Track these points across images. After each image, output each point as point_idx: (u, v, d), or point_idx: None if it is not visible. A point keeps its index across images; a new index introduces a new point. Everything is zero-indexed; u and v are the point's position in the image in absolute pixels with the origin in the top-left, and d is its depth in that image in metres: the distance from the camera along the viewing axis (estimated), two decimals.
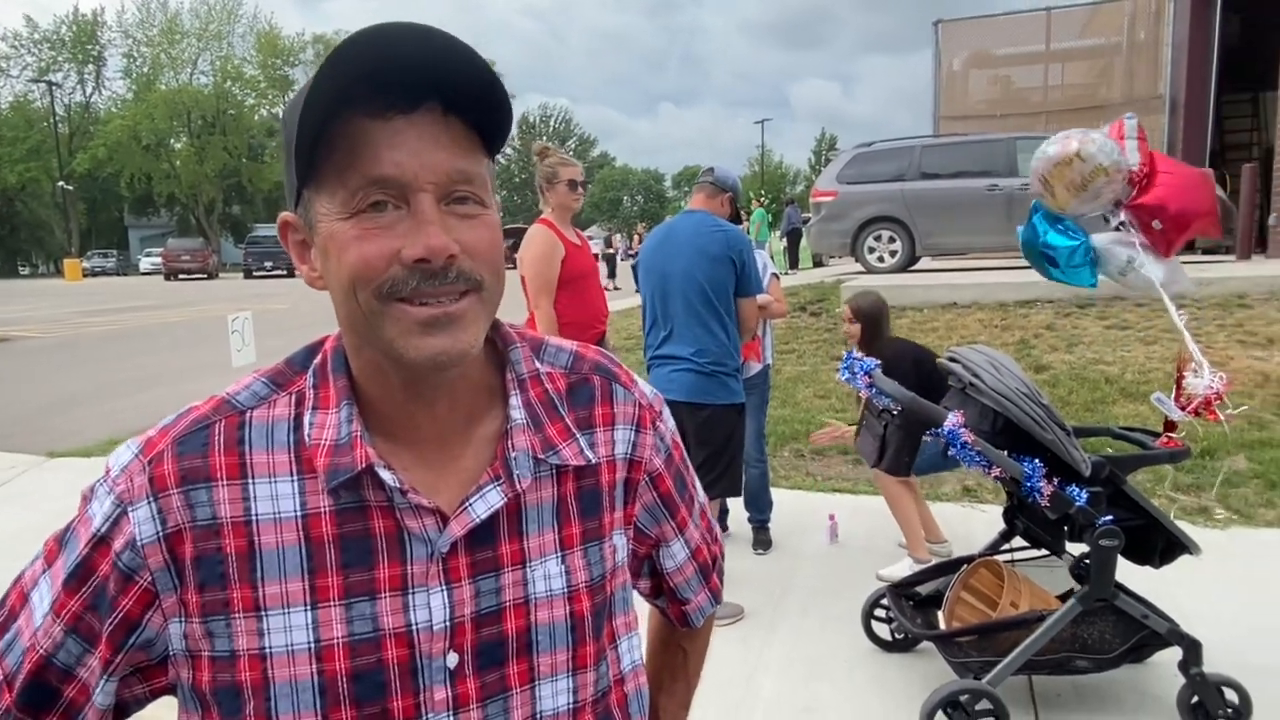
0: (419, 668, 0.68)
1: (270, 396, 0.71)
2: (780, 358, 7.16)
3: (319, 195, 0.66)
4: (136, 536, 0.66)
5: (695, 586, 0.93)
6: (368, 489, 0.68)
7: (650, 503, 0.85)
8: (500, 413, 0.75)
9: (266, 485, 0.68)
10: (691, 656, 1.01)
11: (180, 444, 0.68)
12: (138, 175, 47.45)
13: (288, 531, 0.67)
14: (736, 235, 3.26)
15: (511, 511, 0.72)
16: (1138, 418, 4.99)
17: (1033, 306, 7.64)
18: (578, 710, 0.75)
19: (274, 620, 0.66)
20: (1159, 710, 2.54)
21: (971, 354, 2.55)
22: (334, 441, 0.68)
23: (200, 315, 16.02)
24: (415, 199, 0.64)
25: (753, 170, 61.19)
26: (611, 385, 0.81)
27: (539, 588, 0.73)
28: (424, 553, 0.68)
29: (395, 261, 0.64)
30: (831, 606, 3.36)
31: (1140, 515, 2.44)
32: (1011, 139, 9.97)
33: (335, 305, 0.68)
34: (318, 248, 0.68)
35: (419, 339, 0.65)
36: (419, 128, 0.64)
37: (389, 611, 0.67)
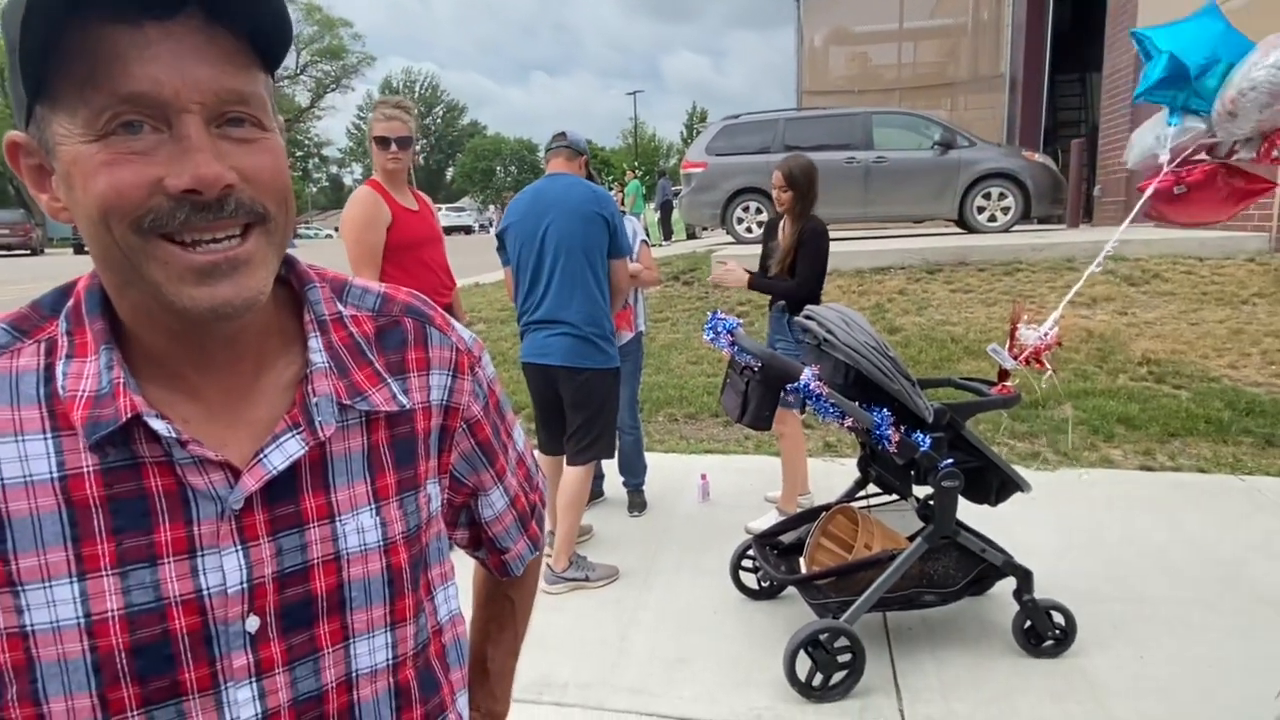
0: (213, 635, 0.62)
1: (13, 345, 0.62)
2: (654, 326, 7.24)
3: (56, 113, 0.57)
4: None
5: (515, 535, 0.91)
6: (139, 443, 0.60)
7: (468, 450, 0.81)
8: (298, 358, 0.69)
9: (13, 445, 0.59)
10: (519, 605, 1.00)
11: None
12: None
13: (43, 496, 0.59)
14: (605, 196, 3.26)
15: (315, 462, 0.67)
16: (979, 371, 5.37)
17: (886, 273, 8.06)
18: (397, 665, 0.72)
19: (33, 595, 0.58)
20: (997, 636, 2.77)
21: (826, 312, 2.65)
22: (93, 392, 0.60)
23: (22, 295, 14.50)
24: (179, 120, 0.56)
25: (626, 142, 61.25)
26: (426, 328, 0.76)
27: (351, 541, 0.68)
28: (213, 511, 0.62)
29: (157, 191, 0.56)
30: (703, 561, 3.45)
31: (978, 458, 2.62)
32: (867, 113, 10.41)
33: (87, 241, 0.60)
34: (59, 174, 0.59)
35: (194, 287, 0.58)
36: (178, 37, 0.56)
37: (173, 578, 0.61)
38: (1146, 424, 4.81)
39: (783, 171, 3.54)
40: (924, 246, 8.51)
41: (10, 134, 0.61)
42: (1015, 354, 2.69)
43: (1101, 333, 6.18)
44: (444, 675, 0.78)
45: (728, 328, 2.65)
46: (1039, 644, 2.66)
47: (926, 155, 9.88)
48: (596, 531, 3.82)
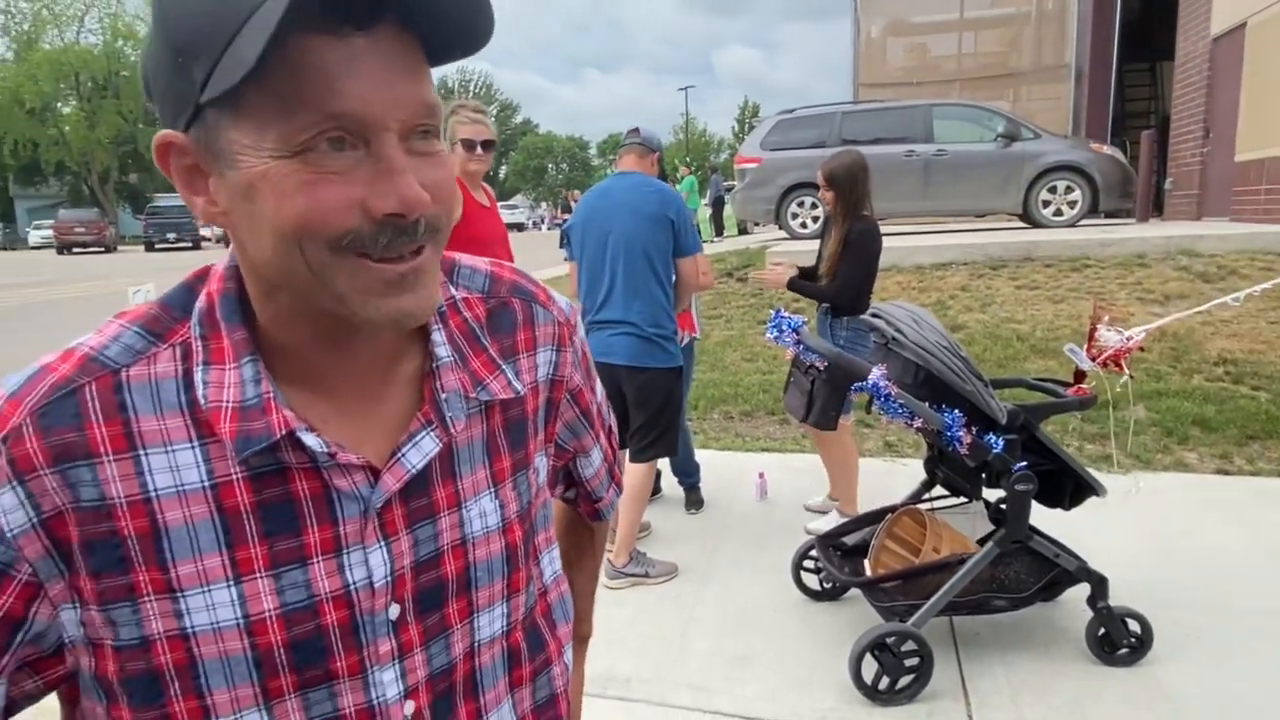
0: (360, 625, 0.64)
1: (148, 350, 0.60)
2: (708, 323, 7.22)
3: (239, 122, 0.53)
4: (4, 527, 0.55)
5: (606, 484, 0.95)
6: (285, 451, 0.60)
7: (571, 419, 0.83)
8: (419, 349, 0.68)
9: (163, 456, 0.58)
10: (597, 533, 1.04)
11: (42, 416, 0.56)
12: (22, 142, 44.11)
13: (196, 505, 0.59)
14: (672, 194, 3.25)
15: (444, 455, 0.68)
16: (1047, 370, 5.23)
17: (948, 269, 7.89)
18: (510, 631, 0.74)
19: (193, 600, 0.59)
20: (1069, 643, 2.70)
21: (894, 310, 2.61)
22: (238, 404, 0.59)
23: (98, 290, 15.14)
24: (379, 140, 0.54)
25: (678, 138, 61.13)
26: (532, 307, 0.77)
27: (475, 526, 0.70)
28: (356, 510, 0.63)
29: (357, 213, 0.54)
30: (761, 559, 3.43)
31: (1052, 460, 2.56)
32: (928, 106, 10.20)
33: (253, 250, 0.58)
34: (234, 184, 0.55)
35: (382, 299, 0.57)
36: (381, 50, 0.53)
37: (323, 575, 0.62)
38: (1223, 426, 4.63)
39: (823, 171, 3.50)
40: (987, 241, 8.31)
41: (164, 133, 0.57)
42: (1094, 355, 2.61)
43: (1175, 331, 5.95)
44: (550, 633, 0.80)
45: (792, 326, 2.63)
46: (1113, 652, 2.59)
47: (989, 148, 9.64)
48: (655, 528, 3.83)
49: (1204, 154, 11.35)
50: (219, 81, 0.50)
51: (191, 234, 31.78)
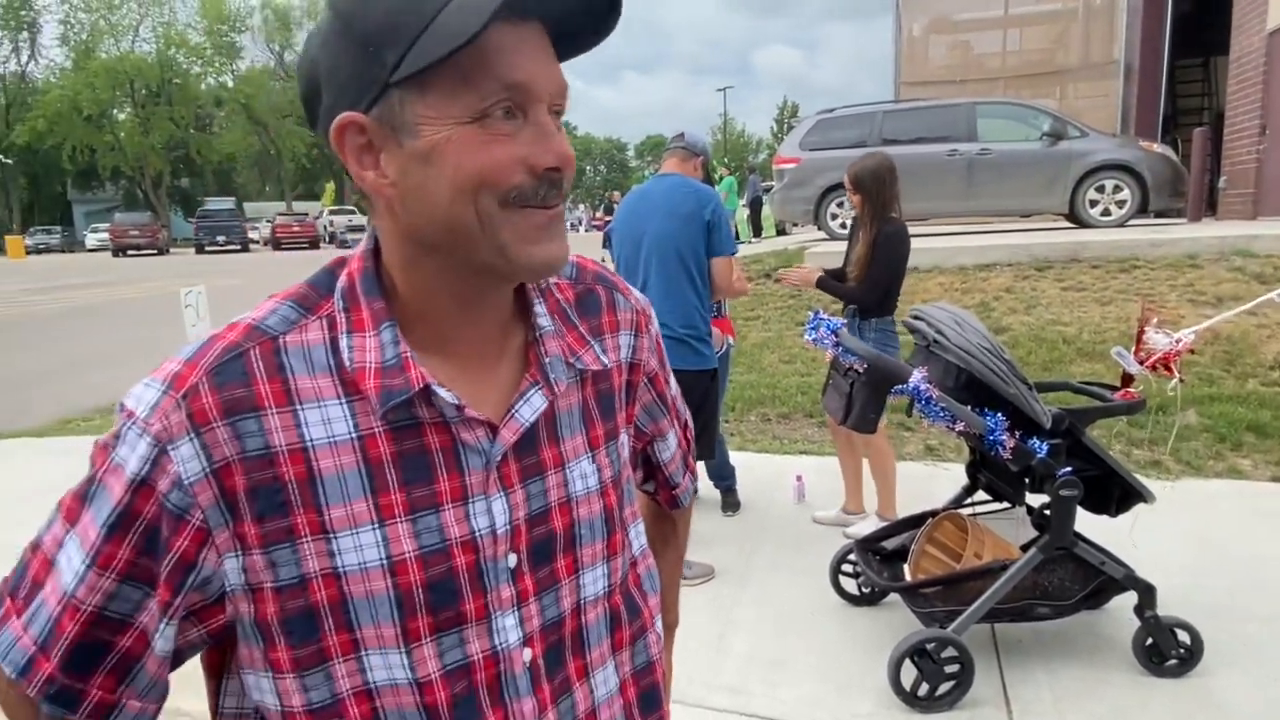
0: (484, 570, 0.71)
1: (300, 321, 0.69)
2: (746, 324, 7.20)
3: (425, 96, 0.62)
4: (182, 475, 0.63)
5: (682, 471, 1.01)
6: (419, 407, 0.69)
7: (649, 402, 0.91)
8: (522, 325, 0.77)
9: (316, 410, 0.67)
10: (680, 523, 1.10)
11: (216, 374, 0.65)
12: (80, 148, 45.67)
13: (345, 455, 0.67)
14: (708, 194, 3.25)
15: (548, 418, 0.76)
16: (1094, 376, 5.11)
17: (992, 270, 7.76)
18: (610, 593, 0.81)
19: (344, 542, 0.67)
20: (1115, 652, 2.64)
21: (935, 312, 2.58)
22: (379, 364, 0.68)
23: (153, 291, 15.59)
24: (535, 109, 0.65)
25: (716, 139, 60.98)
26: (614, 294, 0.85)
27: (577, 487, 0.77)
28: (479, 463, 0.71)
29: (522, 169, 0.64)
30: (799, 562, 3.42)
31: (1098, 466, 2.51)
32: (971, 104, 10.03)
33: (419, 212, 0.66)
34: (409, 152, 0.64)
35: (534, 245, 0.67)
36: (538, 36, 0.65)
37: (453, 522, 0.70)
38: (1279, 432, 4.48)
39: (850, 175, 3.50)
40: (1032, 242, 8.15)
41: (346, 114, 0.64)
42: (1142, 358, 2.55)
43: (1229, 334, 5.78)
44: (643, 601, 0.87)
45: (831, 328, 2.62)
46: (1161, 662, 2.53)
47: (1034, 147, 9.45)
48: (692, 530, 3.83)
49: (1260, 151, 10.98)
50: (417, 59, 0.60)
51: (240, 237, 32.57)
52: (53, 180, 53.47)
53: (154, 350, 7.47)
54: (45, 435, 5.91)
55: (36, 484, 4.95)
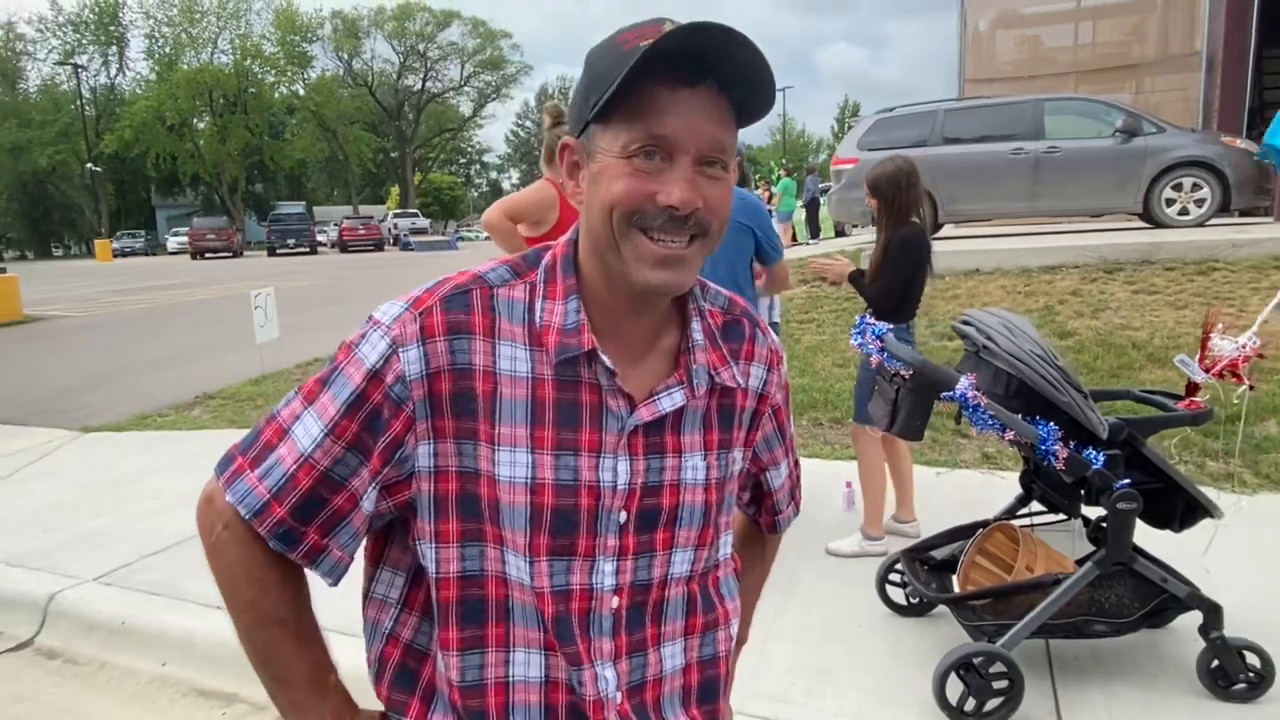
0: (599, 516, 0.85)
1: (511, 280, 0.87)
2: (799, 327, 7.11)
3: (605, 133, 0.81)
4: (406, 373, 0.81)
5: (786, 501, 1.12)
6: (583, 367, 0.85)
7: (770, 432, 1.03)
8: (676, 332, 0.92)
9: (509, 348, 0.84)
10: (769, 548, 1.21)
11: (447, 301, 0.84)
12: (163, 155, 47.88)
13: (520, 388, 0.83)
14: (753, 202, 3.31)
15: (678, 413, 0.89)
16: (1165, 384, 4.89)
17: (1058, 272, 7.50)
18: (691, 578, 0.94)
19: (503, 455, 0.83)
20: (1178, 674, 2.52)
21: (985, 317, 2.51)
22: (561, 325, 0.84)
23: (226, 293, 16.22)
24: (678, 158, 0.79)
25: (775, 139, 60.38)
26: (755, 329, 0.99)
27: (689, 475, 0.90)
28: (616, 427, 0.86)
29: (649, 201, 0.79)
30: (846, 572, 3.35)
31: (1160, 478, 2.40)
32: (1038, 100, 9.71)
33: (589, 219, 0.84)
34: (590, 172, 0.83)
35: (649, 270, 0.81)
36: (697, 100, 0.79)
37: (586, 468, 0.84)
38: None
39: (867, 179, 3.45)
40: (1102, 243, 7.85)
41: (566, 138, 0.88)
42: (1207, 366, 2.43)
43: None
44: (719, 601, 0.98)
45: (876, 333, 2.57)
46: (1228, 686, 2.40)
47: (1106, 144, 9.10)
48: None
49: None
50: (599, 101, 0.78)
51: (309, 240, 33.64)
52: (138, 187, 56.23)
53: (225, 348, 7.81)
54: (124, 430, 6.20)
55: (118, 475, 5.22)
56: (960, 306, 6.92)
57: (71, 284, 21.63)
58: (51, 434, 6.17)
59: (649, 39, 0.76)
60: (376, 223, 36.54)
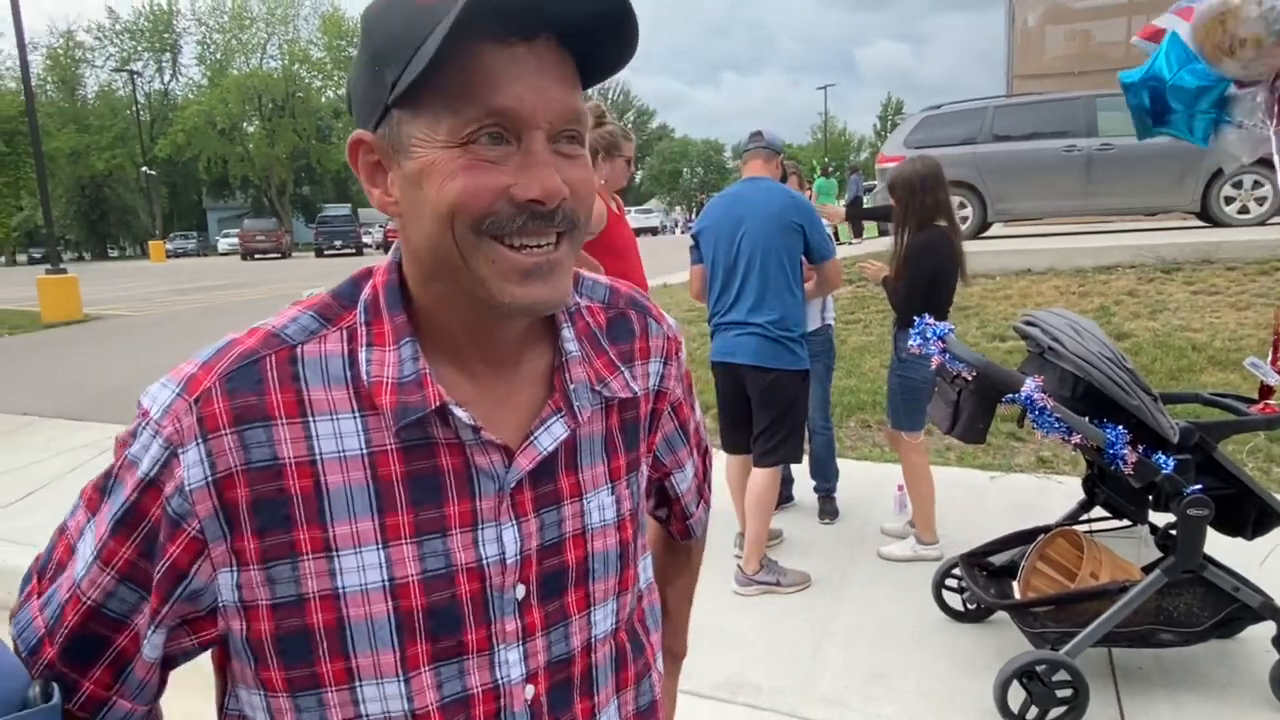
0: (489, 600, 0.68)
1: (320, 331, 0.67)
2: (846, 328, 7.04)
3: (416, 119, 0.61)
4: (185, 481, 0.62)
5: (696, 502, 0.98)
6: (434, 426, 0.66)
7: (670, 432, 0.88)
8: (546, 346, 0.74)
9: (329, 423, 0.65)
10: (694, 552, 1.06)
11: (229, 380, 0.64)
12: (214, 159, 49.11)
13: (354, 470, 0.65)
14: (803, 202, 3.28)
15: (569, 446, 0.73)
16: (1228, 386, 4.75)
17: (1113, 272, 7.32)
18: (616, 630, 0.78)
19: (346, 560, 0.64)
20: (1250, 687, 2.45)
21: (1050, 317, 2.46)
22: (396, 379, 0.65)
23: (276, 293, 16.58)
24: (529, 136, 0.61)
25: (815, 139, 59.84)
26: (647, 320, 0.82)
27: (594, 519, 0.74)
28: (492, 488, 0.68)
29: (503, 198, 0.61)
30: (900, 576, 3.32)
31: (1232, 484, 2.33)
32: (1090, 97, 9.48)
33: (414, 234, 0.65)
34: (404, 173, 0.63)
35: (518, 286, 0.63)
36: (539, 58, 0.61)
37: (460, 548, 0.67)
38: None
39: (887, 182, 3.43)
40: (1159, 243, 7.64)
41: (357, 133, 0.65)
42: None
43: None
44: (646, 637, 0.83)
45: (938, 334, 2.53)
46: None
47: (1162, 140, 8.80)
48: (787, 536, 3.78)
49: None
50: (405, 80, 0.58)
51: (354, 241, 34.22)
52: (190, 190, 57.72)
53: None
54: None
55: None
56: (1012, 307, 6.79)
57: (128, 284, 22.32)
58: (112, 429, 6.37)
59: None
60: None
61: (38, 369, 9.21)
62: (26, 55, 13.94)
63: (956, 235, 3.39)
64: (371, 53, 0.62)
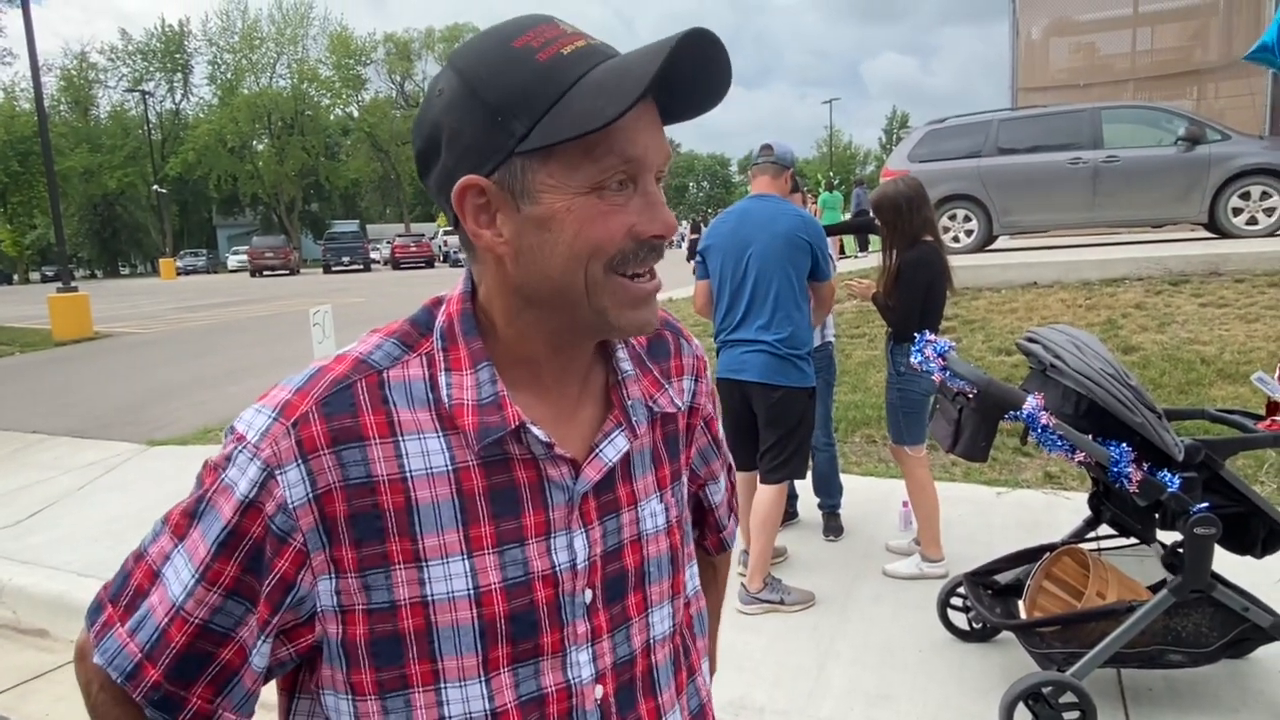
0: (562, 605, 0.73)
1: (403, 357, 0.73)
2: (850, 342, 7.02)
3: (547, 165, 0.66)
4: (288, 499, 0.66)
5: (728, 515, 1.03)
6: (511, 443, 0.71)
7: (704, 445, 0.94)
8: (602, 368, 0.80)
9: (417, 442, 0.70)
10: (720, 571, 1.10)
11: (325, 405, 0.68)
12: (224, 177, 49.58)
13: (440, 486, 0.70)
14: (811, 221, 3.28)
15: (625, 458, 0.78)
16: (1238, 400, 4.70)
17: (1120, 285, 7.28)
18: (673, 634, 0.83)
19: (434, 570, 0.69)
20: (1263, 709, 2.40)
21: (1052, 334, 2.44)
22: (476, 401, 0.71)
23: (284, 309, 16.66)
24: (644, 179, 0.68)
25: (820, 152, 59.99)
26: (680, 340, 0.89)
27: (648, 525, 0.80)
28: (563, 499, 0.73)
29: (630, 237, 0.68)
30: (905, 594, 3.28)
31: (1240, 502, 2.30)
32: (1095, 109, 9.47)
33: (531, 273, 0.69)
34: (526, 216, 0.67)
35: (633, 312, 0.71)
36: (650, 110, 0.69)
37: (536, 555, 0.72)
38: None
39: (871, 202, 3.46)
40: (1166, 255, 7.60)
41: (470, 177, 0.67)
42: None
43: None
44: (693, 642, 0.89)
45: (939, 350, 2.51)
46: None
47: (1168, 152, 8.82)
48: (791, 554, 3.75)
49: None
50: (547, 133, 0.64)
51: (362, 258, 34.43)
52: (200, 207, 58.26)
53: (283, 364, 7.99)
54: (188, 443, 6.39)
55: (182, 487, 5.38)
56: (1018, 320, 6.76)
57: (138, 301, 22.47)
58: (119, 447, 6.39)
59: (570, 44, 0.65)
60: (428, 240, 37.21)
61: (48, 387, 9.27)
62: (40, 77, 14.13)
63: (943, 249, 3.42)
64: (490, 103, 0.65)
